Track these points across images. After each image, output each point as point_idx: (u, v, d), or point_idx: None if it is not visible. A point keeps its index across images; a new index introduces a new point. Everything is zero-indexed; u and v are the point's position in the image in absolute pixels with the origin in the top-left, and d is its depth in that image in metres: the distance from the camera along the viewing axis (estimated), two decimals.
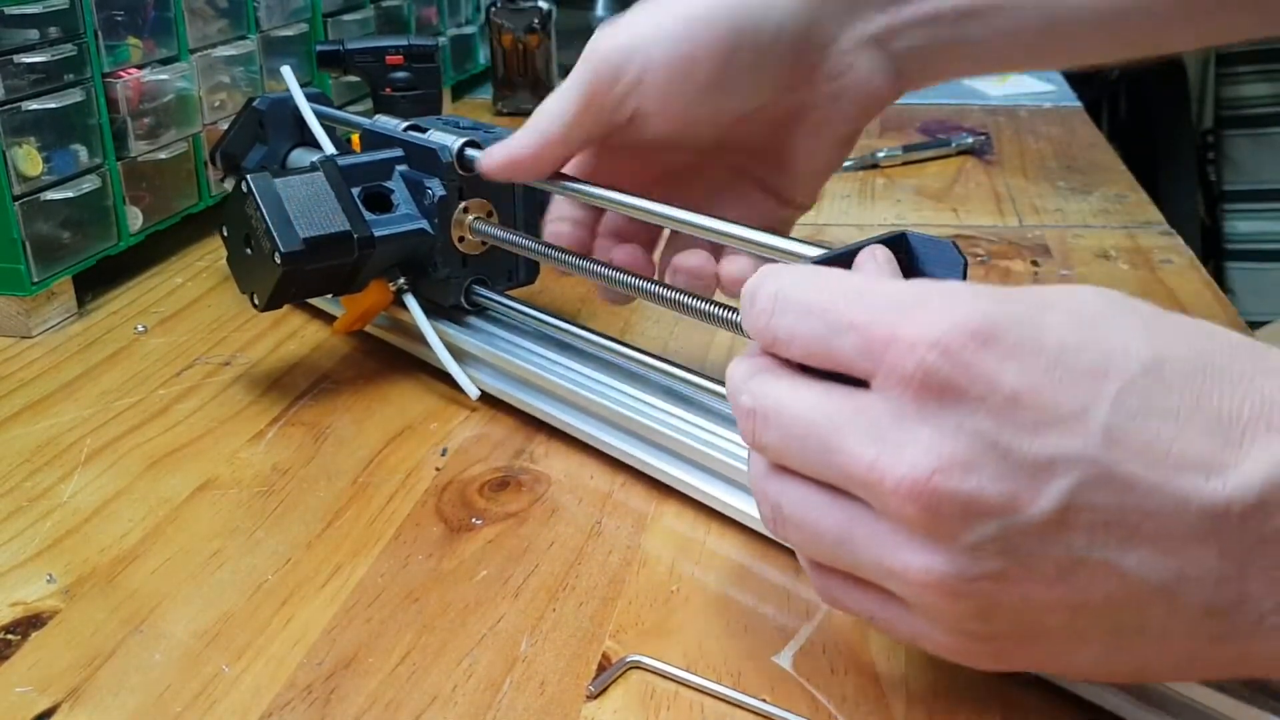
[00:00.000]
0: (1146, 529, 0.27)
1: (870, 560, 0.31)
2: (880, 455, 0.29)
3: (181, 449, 0.53)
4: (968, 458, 0.28)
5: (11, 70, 0.62)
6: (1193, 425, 0.27)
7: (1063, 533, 0.28)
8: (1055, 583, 0.28)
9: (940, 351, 0.28)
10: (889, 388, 0.29)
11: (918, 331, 0.29)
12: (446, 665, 0.38)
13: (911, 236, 0.39)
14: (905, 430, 0.29)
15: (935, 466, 0.28)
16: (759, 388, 0.33)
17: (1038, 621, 0.29)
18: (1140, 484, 0.27)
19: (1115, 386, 0.28)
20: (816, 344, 0.31)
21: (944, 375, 0.28)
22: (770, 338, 0.33)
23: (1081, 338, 0.28)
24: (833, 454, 0.30)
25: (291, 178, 0.53)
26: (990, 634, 0.30)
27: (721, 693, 0.37)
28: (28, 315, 0.65)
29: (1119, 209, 0.86)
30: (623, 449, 0.49)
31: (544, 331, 0.55)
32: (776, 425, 0.32)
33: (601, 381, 0.51)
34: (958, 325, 0.28)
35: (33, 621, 0.41)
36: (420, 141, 0.56)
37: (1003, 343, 0.28)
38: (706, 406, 0.48)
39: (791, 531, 0.33)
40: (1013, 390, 0.28)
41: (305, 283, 0.53)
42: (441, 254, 0.56)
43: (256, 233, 0.52)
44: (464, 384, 0.55)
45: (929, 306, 0.29)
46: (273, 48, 0.87)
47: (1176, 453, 0.27)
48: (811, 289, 0.32)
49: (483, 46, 1.28)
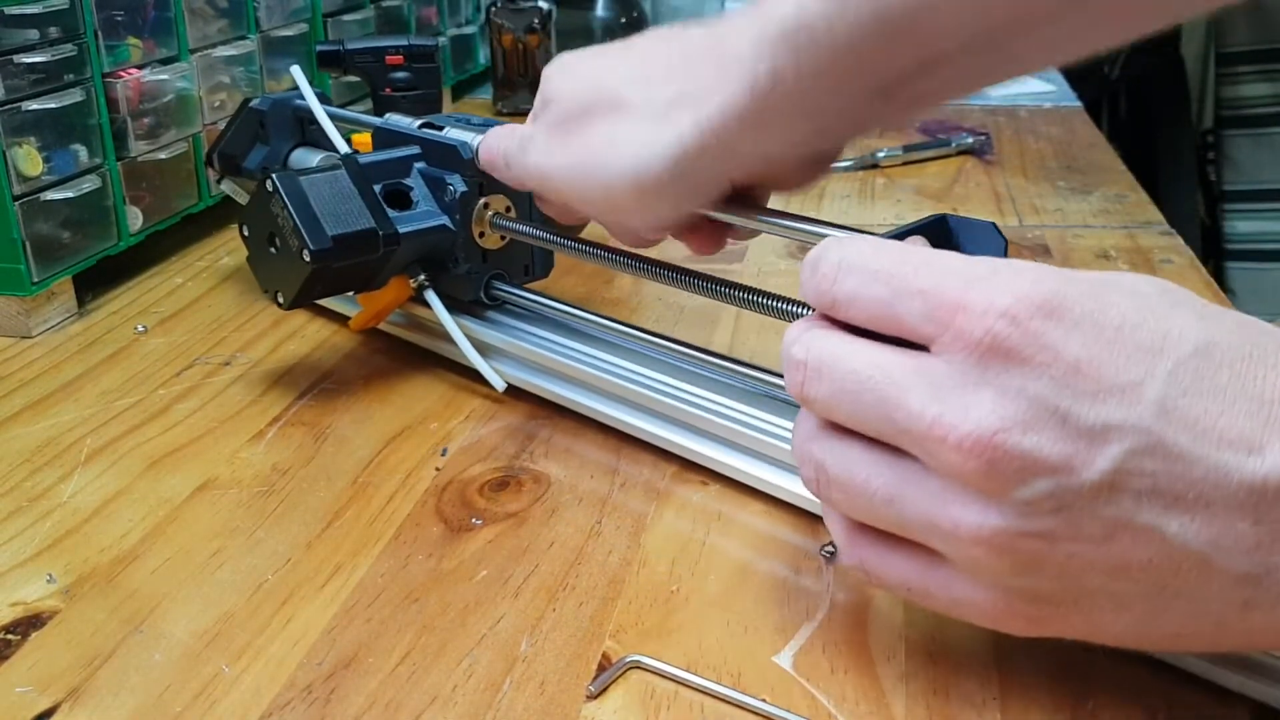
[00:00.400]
0: (1189, 497, 0.29)
1: (919, 517, 0.32)
2: (944, 413, 0.30)
3: (182, 449, 0.53)
4: (1029, 419, 0.29)
5: (11, 70, 0.62)
6: (1237, 405, 0.29)
7: (1112, 495, 0.29)
8: (1101, 543, 0.30)
9: (1009, 319, 0.30)
10: (954, 351, 0.31)
11: (987, 300, 0.30)
12: (446, 665, 0.38)
13: (951, 219, 0.40)
14: (969, 391, 0.30)
15: (998, 426, 0.29)
16: (815, 341, 0.34)
17: (1080, 582, 0.31)
18: (1187, 455, 0.29)
19: (1169, 363, 0.29)
20: (880, 306, 0.32)
21: (1011, 342, 0.30)
22: (830, 300, 0.33)
23: (1140, 317, 0.30)
24: (891, 408, 0.31)
25: (316, 176, 0.53)
26: (1033, 593, 0.31)
27: (721, 693, 0.37)
28: (28, 315, 0.65)
29: (1119, 209, 0.86)
30: (653, 431, 0.51)
31: (563, 321, 0.56)
32: (830, 378, 0.33)
33: (620, 365, 0.53)
34: (1026, 296, 0.30)
35: (33, 621, 0.41)
36: (439, 139, 0.56)
37: (1067, 315, 0.30)
38: (725, 384, 0.50)
39: (836, 491, 0.34)
40: (1074, 360, 0.29)
41: (331, 280, 0.53)
42: (463, 249, 0.56)
43: (283, 231, 0.52)
44: (490, 377, 0.55)
45: (997, 278, 0.31)
46: (273, 48, 0.87)
47: (1222, 428, 0.29)
48: (878, 256, 0.33)
49: (483, 46, 1.28)
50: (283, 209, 0.52)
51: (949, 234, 0.41)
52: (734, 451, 0.49)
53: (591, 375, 0.53)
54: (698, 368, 0.51)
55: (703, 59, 0.42)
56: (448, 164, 0.56)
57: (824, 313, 0.34)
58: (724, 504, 0.48)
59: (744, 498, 0.48)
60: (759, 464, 0.48)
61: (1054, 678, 0.37)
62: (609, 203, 0.46)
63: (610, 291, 0.70)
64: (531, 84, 1.17)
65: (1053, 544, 0.30)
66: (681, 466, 0.50)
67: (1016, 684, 0.37)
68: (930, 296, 0.31)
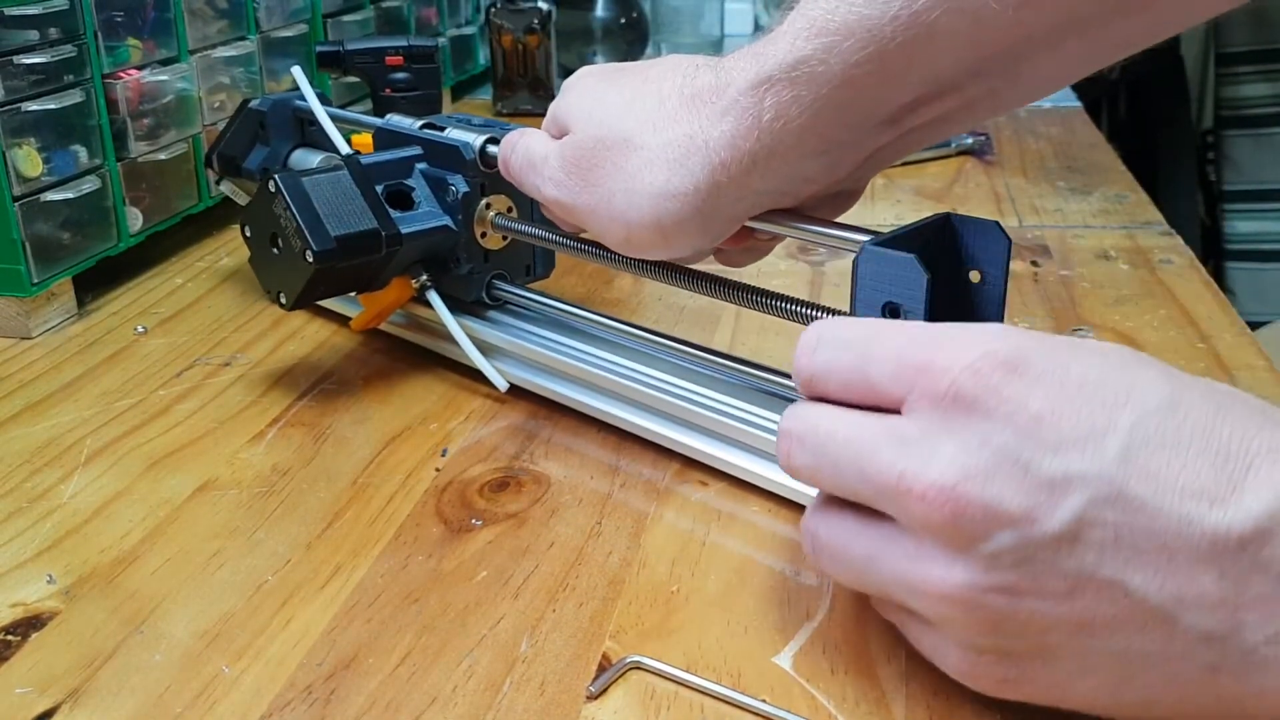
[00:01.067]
0: (1152, 550, 0.29)
1: (895, 576, 0.33)
2: (909, 466, 0.31)
3: (182, 450, 0.53)
4: (990, 469, 0.30)
5: (11, 71, 0.62)
6: (1202, 458, 0.29)
7: (1074, 547, 0.29)
8: (1064, 599, 0.30)
9: (972, 373, 0.31)
10: (920, 408, 0.32)
11: (951, 357, 0.32)
12: (446, 666, 0.38)
13: (955, 218, 0.40)
14: (933, 444, 0.31)
15: (960, 476, 0.30)
16: (799, 413, 0.36)
17: (1044, 640, 0.31)
18: (1149, 506, 0.29)
19: (1132, 417, 0.30)
20: (852, 373, 0.34)
21: (973, 394, 0.31)
22: (809, 374, 0.35)
23: (1104, 374, 0.31)
24: (864, 465, 0.33)
25: (318, 176, 0.53)
26: (1000, 650, 0.32)
27: (721, 693, 0.37)
28: (28, 316, 0.65)
29: (1119, 209, 0.86)
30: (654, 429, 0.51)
31: (564, 320, 0.56)
32: (811, 445, 0.34)
33: (621, 364, 0.53)
34: (990, 353, 0.31)
35: (33, 622, 0.41)
36: (441, 139, 0.56)
37: (1030, 371, 0.31)
38: (726, 381, 0.50)
39: (825, 559, 0.36)
40: (1036, 412, 0.30)
41: (334, 281, 0.54)
42: (465, 250, 0.56)
43: (286, 232, 0.52)
44: (492, 376, 0.55)
45: (963, 337, 0.32)
46: (272, 48, 0.87)
47: (1185, 480, 0.29)
48: (851, 328, 0.35)
49: (482, 47, 1.28)
50: (285, 209, 0.52)
51: (953, 233, 0.41)
52: (735, 449, 0.49)
53: (593, 374, 0.53)
54: (699, 366, 0.51)
55: (708, 101, 0.43)
56: (449, 164, 0.56)
57: (804, 387, 0.36)
58: (724, 503, 0.48)
59: (744, 497, 0.48)
60: (760, 461, 0.48)
61: None
62: (629, 243, 0.46)
63: (610, 291, 0.70)
64: (531, 84, 1.17)
65: (1016, 599, 0.30)
66: (682, 465, 0.50)
67: None
68: (897, 359, 0.33)
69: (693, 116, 0.43)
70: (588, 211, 0.47)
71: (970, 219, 0.41)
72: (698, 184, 0.43)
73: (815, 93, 0.40)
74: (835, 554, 0.35)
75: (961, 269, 0.41)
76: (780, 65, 0.40)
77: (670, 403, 0.50)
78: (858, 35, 0.38)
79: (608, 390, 0.53)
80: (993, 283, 0.41)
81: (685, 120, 0.43)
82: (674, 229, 0.45)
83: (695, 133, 0.43)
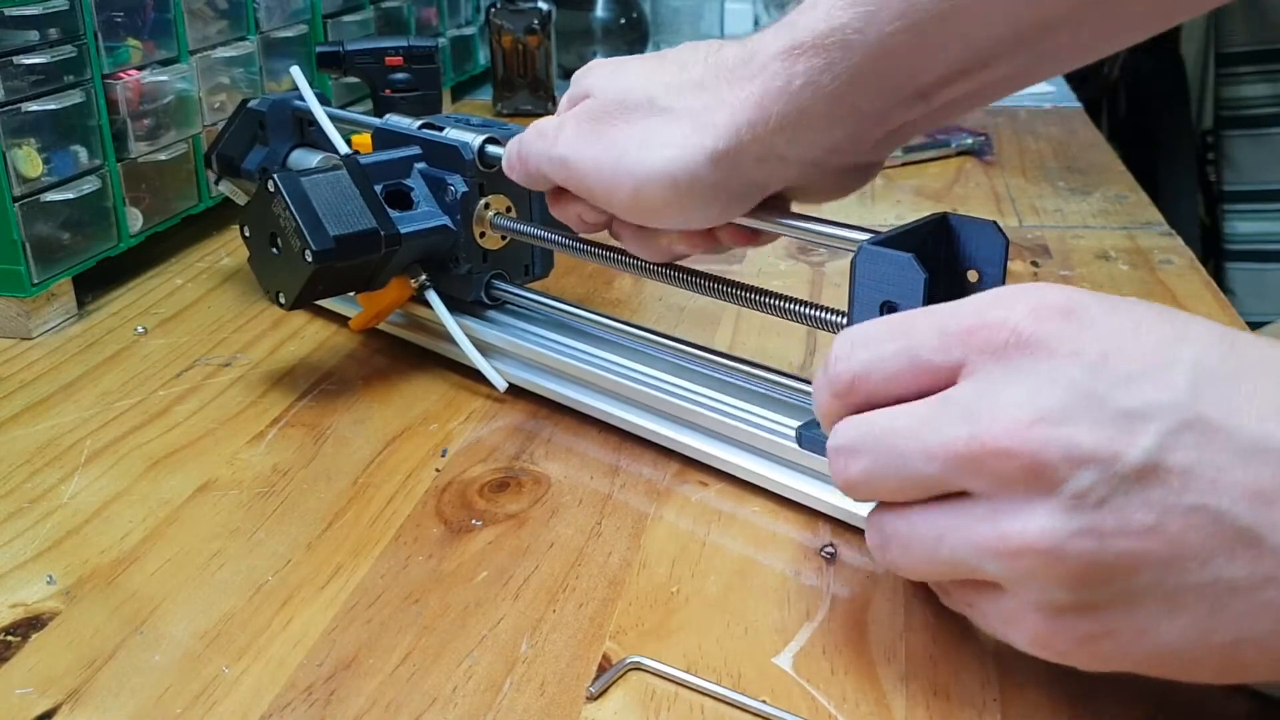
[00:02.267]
0: (1233, 472, 0.29)
1: (970, 545, 0.32)
2: (976, 426, 0.31)
3: (182, 450, 0.53)
4: (1065, 406, 0.30)
5: (11, 71, 0.62)
6: (1267, 380, 0.30)
7: (1157, 478, 0.29)
8: (1150, 534, 0.29)
9: (1033, 319, 0.31)
10: (980, 364, 0.31)
11: (1005, 311, 0.31)
12: (446, 666, 0.38)
13: (952, 218, 0.40)
14: (999, 394, 0.31)
15: (1034, 417, 0.30)
16: (847, 425, 0.34)
17: (1131, 583, 0.30)
18: (1226, 428, 0.29)
19: (1193, 351, 0.30)
20: (898, 358, 0.33)
21: (1036, 337, 0.30)
22: (850, 377, 0.34)
23: (1158, 316, 0.31)
24: (929, 445, 0.32)
25: (317, 176, 0.53)
26: (1082, 605, 0.31)
27: (721, 694, 0.37)
28: (28, 316, 0.65)
29: (1119, 209, 0.86)
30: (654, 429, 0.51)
31: (563, 320, 0.56)
32: (870, 447, 0.33)
33: (621, 364, 0.53)
34: (1045, 301, 0.31)
35: (33, 623, 0.41)
36: (440, 139, 0.56)
37: (1086, 314, 0.31)
38: (726, 381, 0.50)
39: (895, 549, 0.35)
40: (1101, 350, 0.30)
41: (333, 281, 0.54)
42: (464, 250, 0.56)
43: (285, 232, 0.52)
44: (492, 376, 0.55)
45: (1007, 296, 0.32)
46: (272, 49, 0.87)
47: (1258, 403, 0.29)
48: (881, 323, 0.34)
49: (482, 47, 1.28)
50: (285, 209, 0.52)
51: (950, 233, 0.41)
52: (735, 448, 0.49)
53: (592, 374, 0.53)
54: (699, 366, 0.51)
55: (736, 69, 0.42)
56: (448, 164, 0.56)
57: (845, 398, 0.35)
58: (724, 503, 0.48)
59: (744, 497, 0.48)
60: (760, 460, 0.48)
61: (1054, 678, 0.37)
62: (637, 201, 0.45)
63: (610, 292, 0.70)
64: (531, 85, 1.17)
65: (1102, 541, 0.29)
66: (682, 465, 0.50)
67: (1017, 685, 0.37)
68: (943, 329, 0.32)
69: (718, 82, 0.43)
70: (594, 167, 0.46)
71: (968, 218, 0.41)
72: (718, 139, 0.42)
73: (849, 61, 0.39)
74: (904, 541, 0.34)
75: (959, 268, 0.41)
76: (815, 32, 0.40)
77: (670, 403, 0.50)
78: (895, 4, 0.38)
79: (608, 390, 0.53)
80: (990, 282, 0.41)
81: (711, 86, 0.43)
82: (688, 185, 0.43)
83: (723, 94, 0.42)
